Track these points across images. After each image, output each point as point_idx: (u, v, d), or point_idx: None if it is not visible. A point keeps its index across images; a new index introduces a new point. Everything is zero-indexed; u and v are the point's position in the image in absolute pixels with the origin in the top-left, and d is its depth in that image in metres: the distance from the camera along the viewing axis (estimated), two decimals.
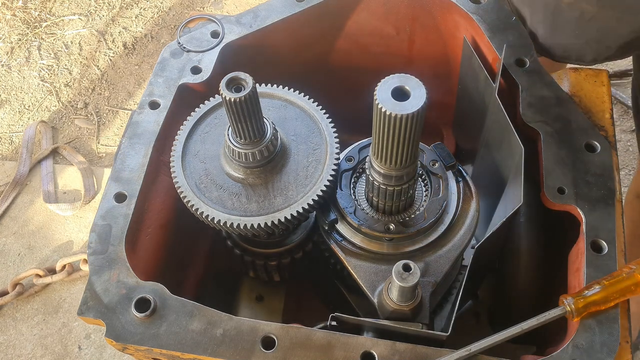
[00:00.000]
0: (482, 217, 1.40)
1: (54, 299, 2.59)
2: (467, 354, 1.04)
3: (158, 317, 1.12)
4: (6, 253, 2.71)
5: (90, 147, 3.06)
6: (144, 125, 1.35)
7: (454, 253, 1.25)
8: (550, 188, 1.22)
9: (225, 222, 1.20)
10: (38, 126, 3.05)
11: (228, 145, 1.19)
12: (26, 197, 2.87)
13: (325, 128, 1.28)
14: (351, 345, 1.07)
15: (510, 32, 1.42)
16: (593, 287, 1.07)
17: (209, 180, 1.24)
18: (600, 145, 1.27)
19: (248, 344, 1.08)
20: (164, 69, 1.43)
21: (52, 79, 3.28)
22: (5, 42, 3.43)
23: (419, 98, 0.97)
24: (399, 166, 1.10)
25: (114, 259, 1.18)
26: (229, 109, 1.09)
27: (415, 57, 1.71)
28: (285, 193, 1.22)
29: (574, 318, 1.07)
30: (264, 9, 1.51)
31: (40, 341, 2.49)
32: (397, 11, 1.59)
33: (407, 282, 1.07)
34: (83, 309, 1.14)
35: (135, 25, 3.49)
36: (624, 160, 2.77)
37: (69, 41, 3.43)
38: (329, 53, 1.72)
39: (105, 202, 1.25)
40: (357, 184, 1.31)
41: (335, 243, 1.27)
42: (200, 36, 1.48)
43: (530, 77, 1.36)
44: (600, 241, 1.16)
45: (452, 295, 1.46)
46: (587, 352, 1.05)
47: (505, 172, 1.40)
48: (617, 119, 2.90)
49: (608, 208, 1.19)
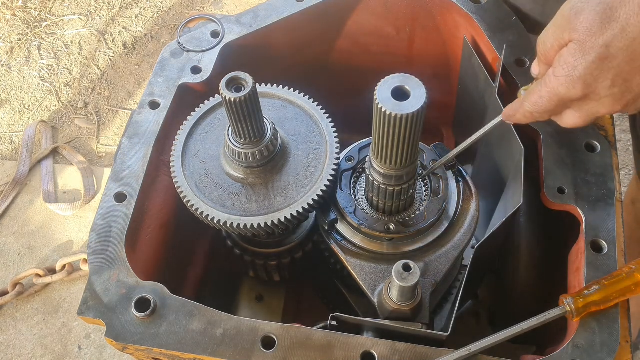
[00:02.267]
0: (482, 217, 1.40)
1: (54, 299, 2.59)
2: (467, 354, 1.04)
3: (158, 317, 1.12)
4: (6, 253, 2.71)
5: (90, 147, 3.06)
6: (144, 125, 1.35)
7: (454, 253, 1.25)
8: (550, 188, 1.22)
9: (225, 222, 1.20)
10: (38, 126, 3.05)
11: (228, 145, 1.19)
12: (26, 197, 2.87)
13: (325, 128, 1.29)
14: (351, 345, 1.07)
15: (510, 32, 1.42)
16: (593, 287, 1.07)
17: (209, 180, 1.25)
18: (600, 145, 1.27)
19: (248, 343, 1.08)
20: (164, 68, 1.43)
21: (52, 79, 3.28)
22: (5, 42, 3.43)
23: (419, 98, 0.97)
24: (399, 166, 1.10)
25: (114, 259, 1.18)
26: (229, 109, 1.09)
27: (415, 57, 1.71)
28: (285, 193, 1.22)
29: (574, 318, 1.07)
30: (264, 9, 1.51)
31: (40, 341, 2.49)
32: (397, 11, 1.59)
33: (407, 282, 1.07)
34: (83, 308, 1.14)
35: (135, 25, 3.49)
36: (624, 160, 2.77)
37: (69, 41, 3.43)
38: (329, 53, 1.72)
39: (105, 202, 1.25)
40: (357, 184, 1.31)
41: (335, 243, 1.27)
42: (200, 36, 1.48)
43: (530, 77, 1.35)
44: (600, 241, 1.16)
45: (452, 295, 1.46)
46: (587, 352, 1.05)
47: (505, 172, 1.40)
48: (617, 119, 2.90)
49: (608, 208, 1.19)
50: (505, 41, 1.39)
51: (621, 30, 0.84)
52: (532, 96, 0.99)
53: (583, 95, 0.92)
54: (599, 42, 0.86)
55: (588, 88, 0.90)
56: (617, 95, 0.91)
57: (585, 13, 0.87)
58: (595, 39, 0.86)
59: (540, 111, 1.00)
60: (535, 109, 0.99)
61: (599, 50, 0.86)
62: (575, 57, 0.89)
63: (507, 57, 1.36)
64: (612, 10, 0.85)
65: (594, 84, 0.90)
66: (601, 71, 0.88)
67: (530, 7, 1.44)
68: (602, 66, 0.88)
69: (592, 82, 0.90)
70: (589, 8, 0.86)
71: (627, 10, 0.84)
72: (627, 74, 0.88)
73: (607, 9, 0.85)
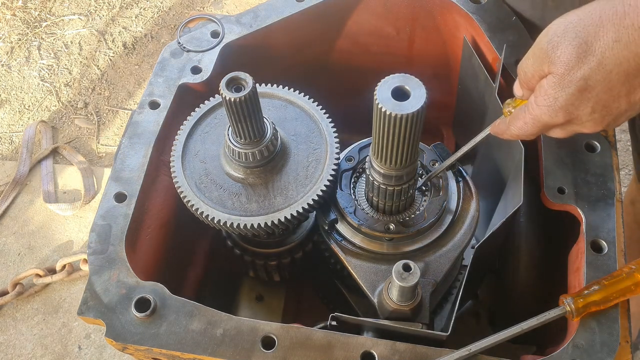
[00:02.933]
0: (482, 217, 1.40)
1: (54, 299, 2.59)
2: (467, 354, 1.04)
3: (158, 317, 1.12)
4: (6, 253, 2.71)
5: (90, 147, 3.06)
6: (144, 125, 1.35)
7: (454, 253, 1.25)
8: (550, 188, 1.22)
9: (225, 222, 1.20)
10: (38, 126, 3.05)
11: (228, 145, 1.19)
12: (26, 197, 2.87)
13: (325, 128, 1.29)
14: (351, 345, 1.07)
15: (510, 32, 1.42)
16: (593, 287, 1.07)
17: (209, 180, 1.25)
18: (600, 145, 1.27)
19: (248, 343, 1.08)
20: (164, 68, 1.43)
21: (52, 79, 3.28)
22: (5, 42, 3.43)
23: (419, 98, 0.97)
24: (399, 166, 1.10)
25: (114, 259, 1.18)
26: (229, 109, 1.09)
27: (415, 57, 1.71)
28: (285, 193, 1.22)
29: (574, 318, 1.07)
30: (264, 9, 1.51)
31: (40, 341, 2.49)
32: (397, 11, 1.59)
33: (407, 282, 1.07)
34: (83, 308, 1.14)
35: (135, 25, 3.49)
36: (624, 160, 2.77)
37: (69, 41, 3.43)
38: (329, 53, 1.72)
39: (105, 202, 1.25)
40: (357, 184, 1.31)
41: (335, 243, 1.27)
42: (200, 36, 1.48)
43: None
44: (600, 241, 1.16)
45: (452, 295, 1.46)
46: (587, 352, 1.05)
47: (505, 172, 1.40)
48: None
49: (608, 208, 1.19)
50: (505, 41, 1.39)
51: (598, 63, 0.87)
52: (517, 122, 1.03)
53: (565, 121, 0.96)
54: (577, 76, 0.89)
55: (570, 115, 0.94)
56: (598, 119, 0.94)
57: (562, 47, 0.89)
58: (574, 73, 0.89)
59: (525, 135, 1.04)
60: (521, 132, 1.04)
61: (577, 83, 0.90)
62: (555, 90, 0.92)
63: (507, 57, 1.36)
64: (588, 44, 0.87)
65: (575, 112, 0.94)
66: (581, 101, 0.92)
67: (530, 13, 1.45)
68: (581, 97, 0.91)
69: (573, 110, 0.93)
70: (565, 42, 0.89)
71: (602, 44, 0.86)
72: (606, 101, 0.91)
73: (583, 43, 0.88)
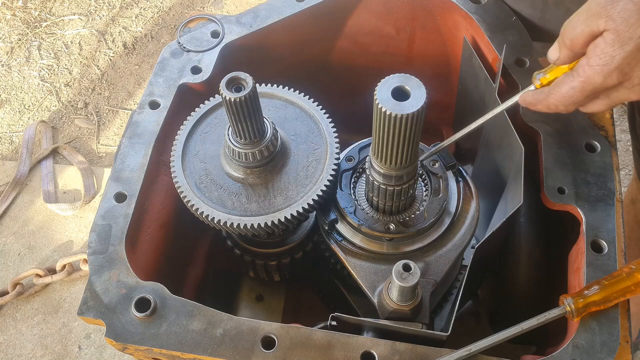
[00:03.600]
0: (482, 217, 1.40)
1: (54, 299, 2.59)
2: (467, 354, 1.04)
3: (158, 317, 1.12)
4: (6, 253, 2.71)
5: (90, 147, 3.06)
6: (144, 125, 1.35)
7: (454, 253, 1.25)
8: (550, 188, 1.22)
9: (225, 222, 1.20)
10: (38, 126, 3.05)
11: (228, 145, 1.19)
12: (26, 197, 2.87)
13: (325, 128, 1.29)
14: (351, 345, 1.07)
15: (510, 32, 1.42)
16: (593, 287, 1.07)
17: (209, 180, 1.25)
18: (600, 145, 1.27)
19: (248, 343, 1.08)
20: (164, 68, 1.43)
21: (52, 79, 3.28)
22: (5, 42, 3.43)
23: (419, 98, 0.97)
24: (399, 166, 1.10)
25: (114, 259, 1.18)
26: (229, 109, 1.09)
27: (415, 57, 1.71)
28: (285, 193, 1.22)
29: (574, 318, 1.07)
30: (264, 9, 1.51)
31: (40, 341, 2.49)
32: (397, 11, 1.59)
33: (407, 282, 1.07)
34: (83, 308, 1.14)
35: (135, 25, 3.49)
36: (624, 160, 2.77)
37: (69, 41, 3.43)
38: (329, 53, 1.72)
39: (105, 202, 1.25)
40: (357, 184, 1.31)
41: (335, 243, 1.27)
42: (200, 36, 1.48)
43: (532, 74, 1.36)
44: (600, 241, 1.16)
45: (452, 295, 1.46)
46: (587, 352, 1.05)
47: (505, 172, 1.40)
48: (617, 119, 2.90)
49: (608, 208, 1.19)
50: (505, 41, 1.39)
51: None
52: (561, 87, 1.01)
53: (618, 82, 0.96)
54: (637, 33, 0.90)
55: (624, 76, 0.94)
56: None
57: (622, 3, 0.90)
58: (633, 30, 0.90)
59: (569, 103, 1.02)
60: (565, 100, 1.01)
61: (637, 41, 0.90)
62: (613, 47, 0.92)
63: (507, 57, 1.36)
64: None
65: (630, 72, 0.94)
66: (638, 60, 0.92)
67: (530, 13, 1.45)
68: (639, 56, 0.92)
69: (628, 70, 0.93)
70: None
71: None
72: None
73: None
